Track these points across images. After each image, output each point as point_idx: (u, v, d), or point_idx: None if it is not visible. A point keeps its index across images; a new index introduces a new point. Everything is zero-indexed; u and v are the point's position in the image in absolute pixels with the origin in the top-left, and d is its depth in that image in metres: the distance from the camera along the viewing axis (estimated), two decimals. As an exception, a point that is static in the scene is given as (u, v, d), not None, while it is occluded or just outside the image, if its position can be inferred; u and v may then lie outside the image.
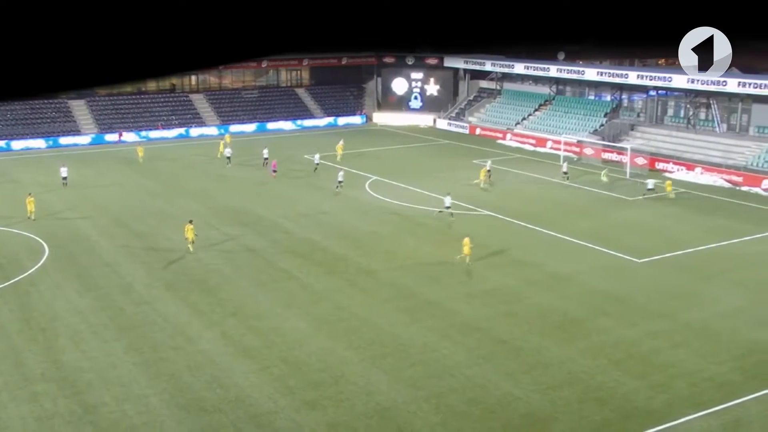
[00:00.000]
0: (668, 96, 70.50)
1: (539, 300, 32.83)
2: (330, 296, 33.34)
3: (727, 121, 65.70)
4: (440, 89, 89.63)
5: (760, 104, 62.33)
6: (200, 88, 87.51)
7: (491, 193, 52.68)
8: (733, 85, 61.69)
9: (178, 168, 62.03)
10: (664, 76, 67.80)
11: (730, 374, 25.85)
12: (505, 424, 22.85)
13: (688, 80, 64.89)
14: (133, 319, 30.87)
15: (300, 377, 25.78)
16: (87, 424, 22.94)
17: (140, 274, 36.24)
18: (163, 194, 52.92)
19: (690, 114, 68.36)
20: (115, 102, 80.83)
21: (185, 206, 48.95)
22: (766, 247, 40.91)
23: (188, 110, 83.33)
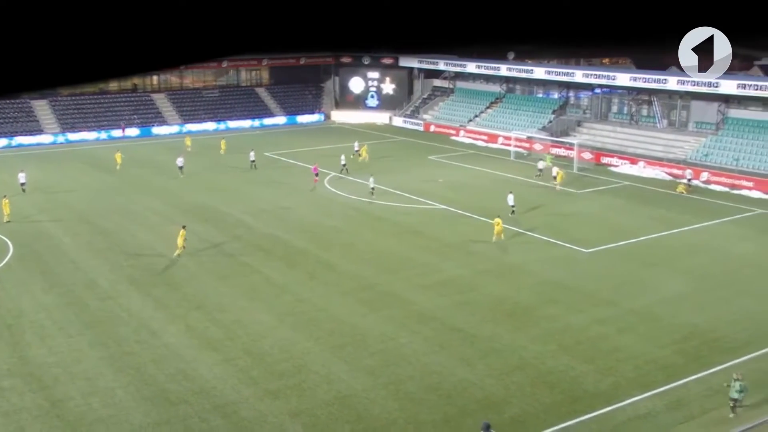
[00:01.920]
0: (612, 93, 71.41)
1: (492, 290, 33.06)
2: (291, 289, 33.21)
3: (668, 117, 66.80)
4: (396, 88, 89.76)
5: (698, 101, 63.55)
6: (162, 88, 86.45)
7: (444, 187, 52.77)
8: (673, 83, 62.81)
9: (141, 166, 61.20)
10: (608, 75, 68.71)
11: (672, 357, 26.30)
12: (461, 409, 22.97)
13: (631, 78, 66.01)
14: (98, 314, 30.41)
15: (263, 368, 25.65)
16: (54, 417, 22.56)
17: (104, 270, 35.71)
18: (126, 192, 52.18)
19: (633, 110, 69.38)
20: (77, 102, 79.46)
21: (148, 204, 48.43)
22: (704, 237, 41.72)
23: (150, 109, 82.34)
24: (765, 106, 59.50)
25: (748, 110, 60.68)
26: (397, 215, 45.77)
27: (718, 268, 35.97)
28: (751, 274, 35.03)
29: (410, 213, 46.35)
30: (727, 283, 33.89)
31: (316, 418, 22.51)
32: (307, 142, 72.49)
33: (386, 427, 22.06)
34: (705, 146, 60.20)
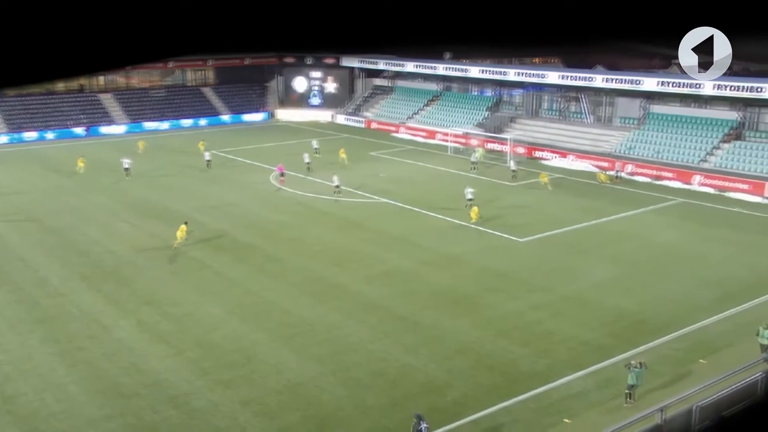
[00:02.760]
0: (543, 91, 72.35)
1: (433, 279, 33.29)
2: (241, 282, 32.92)
3: (595, 112, 68.08)
4: (338, 87, 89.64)
5: (623, 98, 64.95)
6: (108, 88, 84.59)
7: (386, 181, 52.92)
8: (599, 80, 64.14)
9: (90, 165, 59.82)
10: (539, 73, 69.65)
11: (602, 338, 26.86)
12: (405, 393, 23.10)
13: (560, 77, 66.99)
14: (49, 311, 29.68)
15: (214, 359, 25.40)
16: (5, 414, 21.96)
17: (55, 267, 34.86)
18: (76, 191, 51.00)
19: (562, 107, 70.54)
20: (24, 102, 77.26)
21: (98, 202, 47.45)
22: (629, 225, 42.68)
23: (97, 109, 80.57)
24: (683, 102, 61.15)
25: (669, 106, 62.25)
26: (341, 209, 45.73)
27: (643, 255, 36.84)
28: (672, 260, 35.99)
29: (354, 207, 46.38)
30: (652, 268, 34.75)
31: (267, 406, 22.40)
32: (253, 140, 71.94)
33: (335, 413, 22.07)
34: (629, 140, 61.51)
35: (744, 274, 33.52)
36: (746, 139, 56.89)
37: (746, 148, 55.45)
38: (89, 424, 21.47)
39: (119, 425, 21.41)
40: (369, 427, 21.18)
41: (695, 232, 41.19)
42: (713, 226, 42.33)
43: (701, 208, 47.27)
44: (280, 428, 21.30)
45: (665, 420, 17.79)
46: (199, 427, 21.37)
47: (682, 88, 58.85)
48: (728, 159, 55.16)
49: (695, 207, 47.46)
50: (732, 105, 57.83)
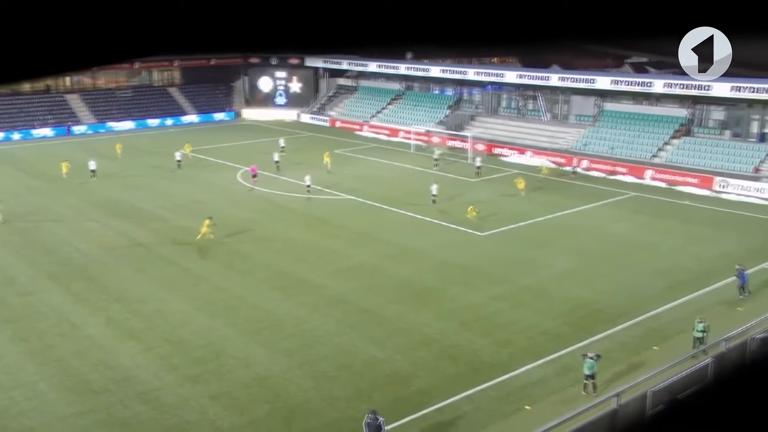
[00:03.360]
0: (501, 90, 72.81)
1: (397, 273, 33.36)
2: (209, 279, 32.66)
3: (551, 110, 68.70)
4: (302, 86, 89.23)
5: (578, 96, 65.64)
6: (75, 88, 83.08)
7: (350, 178, 52.84)
8: (555, 80, 64.83)
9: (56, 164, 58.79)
10: (497, 73, 70.14)
11: (561, 327, 27.17)
12: (371, 384, 23.14)
13: (518, 76, 67.49)
14: (18, 309, 29.13)
15: (183, 355, 25.18)
16: (-25, 413, 21.54)
17: (23, 266, 34.21)
18: (43, 191, 50.09)
19: (520, 105, 71.05)
20: (-11, 103, 75.66)
21: (66, 202, 46.66)
22: (585, 218, 43.21)
23: (64, 110, 79.12)
24: (635, 100, 62.01)
25: (621, 103, 63.09)
26: (307, 207, 45.59)
27: (599, 247, 37.34)
28: (626, 251, 36.52)
29: (320, 204, 46.26)
30: (607, 259, 35.24)
31: (236, 400, 22.27)
32: (219, 139, 71.30)
33: (302, 405, 22.02)
34: (584, 136, 62.21)
35: (692, 264, 34.15)
36: (695, 135, 57.90)
37: (695, 144, 56.44)
38: (59, 421, 21.15)
39: (90, 421, 21.12)
40: (336, 417, 21.18)
41: (647, 224, 41.83)
42: (664, 219, 43.02)
43: (653, 201, 48.02)
44: (249, 421, 21.19)
45: (621, 405, 18.06)
46: (169, 421, 21.17)
47: (633, 87, 59.84)
48: (678, 154, 56.07)
49: (647, 200, 48.20)
50: (681, 102, 58.80)
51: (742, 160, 53.06)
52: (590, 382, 21.86)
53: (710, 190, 50.78)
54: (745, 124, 56.07)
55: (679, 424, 0.76)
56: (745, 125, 56.05)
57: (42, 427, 20.81)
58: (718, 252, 35.86)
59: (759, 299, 29.12)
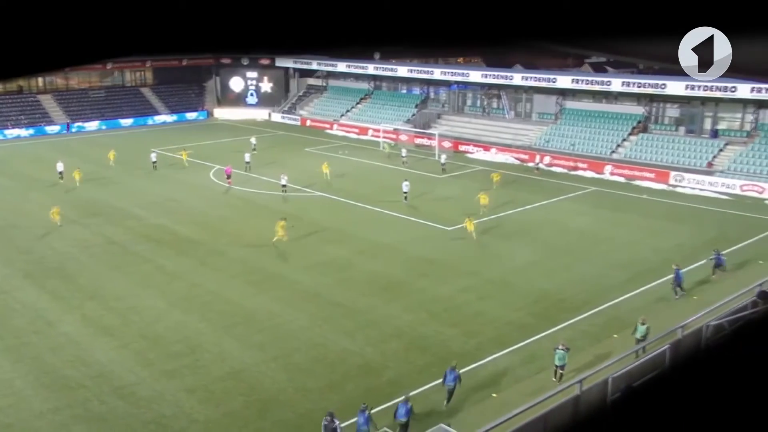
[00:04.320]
0: (466, 89, 73.08)
1: (367, 267, 33.36)
2: (183, 275, 32.35)
3: (514, 108, 69.08)
4: (273, 86, 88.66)
5: (540, 95, 66.09)
6: (48, 89, 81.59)
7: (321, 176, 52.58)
8: (517, 79, 65.23)
9: (30, 164, 57.77)
10: (462, 72, 70.42)
11: (525, 318, 27.39)
12: (343, 376, 23.13)
13: (482, 75, 67.79)
14: (-7, 308, 28.63)
15: (159, 350, 24.92)
16: (-49, 411, 21.12)
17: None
18: (16, 190, 49.19)
19: (484, 104, 71.35)
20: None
21: (40, 201, 45.82)
22: (547, 213, 43.57)
23: (37, 110, 77.70)
24: (595, 98, 62.63)
25: (581, 102, 63.65)
26: (279, 203, 45.36)
27: (561, 240, 37.67)
28: (587, 244, 36.93)
29: (291, 201, 46.06)
30: (569, 252, 35.58)
31: (211, 393, 22.13)
32: (192, 139, 70.54)
33: (276, 396, 21.95)
34: (546, 134, 62.68)
35: (650, 255, 34.62)
36: (651, 131, 58.67)
37: (651, 140, 57.19)
38: (36, 417, 20.83)
39: (66, 417, 20.83)
40: (309, 408, 21.14)
41: (607, 218, 42.33)
42: (623, 212, 43.56)
43: (612, 195, 48.59)
44: (224, 413, 21.07)
45: (583, 391, 18.26)
46: (146, 416, 20.96)
47: (593, 86, 60.50)
48: (635, 150, 56.78)
49: (606, 195, 48.76)
50: (638, 100, 59.52)
51: (696, 155, 53.89)
52: (560, 371, 22.11)
53: (666, 184, 51.52)
54: (698, 121, 56.95)
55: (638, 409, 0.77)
56: (698, 122, 56.93)
57: (19, 423, 20.49)
58: (674, 244, 36.40)
59: (713, 288, 29.61)
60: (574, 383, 18.75)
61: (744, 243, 36.31)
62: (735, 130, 55.14)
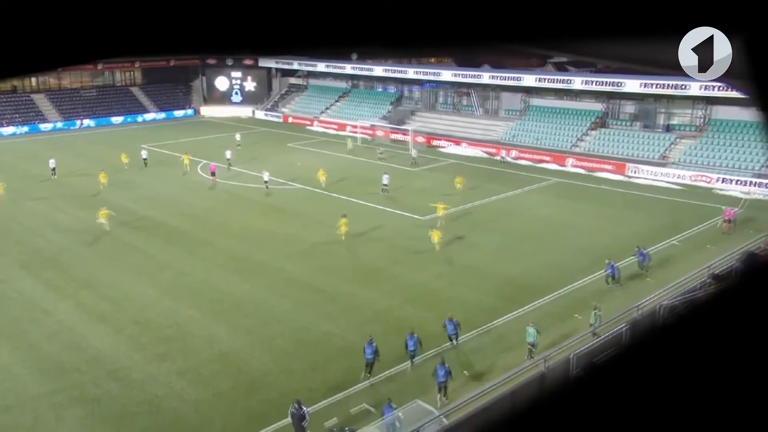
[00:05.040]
0: (438, 87, 73.06)
1: (347, 256, 33.33)
2: (173, 264, 32.11)
3: (483, 105, 69.22)
4: (257, 85, 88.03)
5: (507, 92, 66.27)
6: (41, 88, 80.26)
7: (303, 169, 52.37)
8: (486, 78, 65.31)
9: (23, 160, 56.84)
10: (435, 72, 70.35)
11: (494, 301, 27.54)
12: (326, 357, 23.13)
13: (453, 75, 67.81)
14: (-9, 298, 28.21)
15: (151, 335, 24.76)
16: (-48, 396, 20.82)
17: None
18: (11, 184, 48.33)
19: (455, 101, 71.42)
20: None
21: (35, 194, 45.20)
22: (514, 202, 43.81)
23: (31, 109, 76.48)
24: (557, 96, 62.94)
25: (545, 99, 63.96)
26: (263, 195, 45.12)
27: (527, 228, 37.90)
28: (551, 231, 37.18)
29: (275, 193, 45.83)
30: (534, 239, 35.81)
31: (201, 375, 22.04)
32: (179, 135, 70.01)
33: (262, 377, 21.92)
34: (513, 129, 62.91)
35: (609, 241, 34.94)
36: (610, 126, 59.15)
37: (610, 135, 57.66)
38: (34, 399, 20.62)
39: (63, 399, 20.65)
40: (294, 388, 21.12)
41: (569, 207, 42.64)
42: (584, 202, 43.91)
43: (573, 186, 48.95)
44: (213, 394, 21.00)
45: (548, 368, 18.44)
46: (139, 396, 20.84)
47: (555, 84, 60.81)
48: (595, 144, 57.22)
49: (569, 186, 49.11)
50: (597, 98, 59.92)
51: (650, 148, 54.45)
52: (531, 348, 22.31)
53: (623, 175, 52.01)
54: (653, 116, 57.51)
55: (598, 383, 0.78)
56: (653, 118, 57.49)
57: (18, 406, 20.26)
58: (631, 231, 36.77)
59: (666, 270, 29.93)
60: (539, 360, 18.94)
61: (694, 229, 36.80)
62: (686, 125, 55.76)
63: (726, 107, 52.31)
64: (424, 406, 18.84)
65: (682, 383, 0.88)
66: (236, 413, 19.99)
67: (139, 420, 19.62)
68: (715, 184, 48.14)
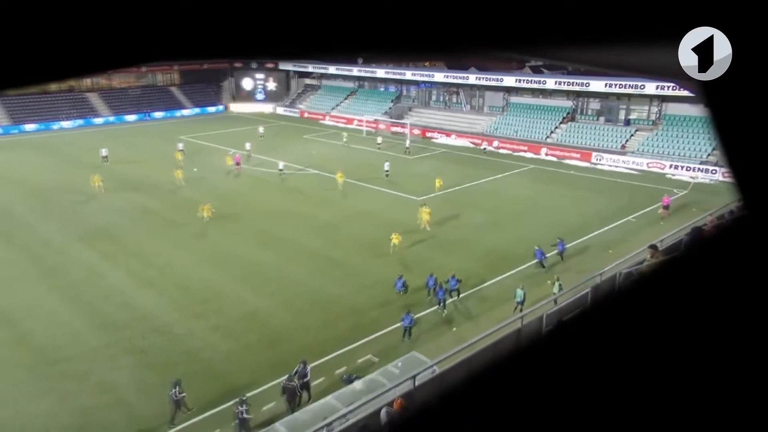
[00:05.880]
0: (432, 87, 72.60)
1: (353, 230, 33.36)
2: (207, 238, 32.19)
3: (470, 102, 68.83)
4: (277, 85, 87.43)
5: (490, 92, 65.84)
6: (94, 88, 79.85)
7: (316, 157, 52.23)
8: (472, 79, 64.86)
9: (80, 149, 56.77)
10: (429, 74, 69.81)
11: (479, 268, 27.61)
12: (336, 316, 23.26)
13: (444, 76, 67.32)
14: (54, 265, 28.35)
15: (189, 297, 24.90)
16: (22, 345, 21.04)
17: (55, 230, 33.20)
18: (70, 170, 48.40)
19: (446, 99, 71.01)
20: (23, 99, 72.23)
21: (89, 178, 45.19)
22: (496, 185, 43.73)
23: (85, 105, 76.16)
24: (533, 94, 62.53)
25: (523, 97, 63.53)
26: (283, 180, 45.06)
27: (507, 207, 37.88)
28: (527, 210, 37.16)
29: (293, 178, 45.76)
30: (513, 216, 35.81)
31: (231, 330, 22.20)
32: (211, 128, 69.73)
33: (283, 332, 22.07)
34: (495, 123, 62.61)
35: (576, 219, 34.96)
36: (578, 120, 58.82)
37: (578, 128, 57.37)
38: (92, 351, 20.82)
39: (116, 350, 20.84)
40: (310, 341, 21.30)
41: (543, 189, 42.58)
42: (555, 185, 43.83)
43: (547, 172, 48.83)
44: (242, 346, 21.17)
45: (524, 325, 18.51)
46: (179, 348, 21.02)
47: (532, 84, 60.35)
48: (565, 135, 56.96)
49: (542, 171, 48.99)
50: (567, 96, 59.54)
51: (612, 139, 54.20)
52: (519, 306, 22.46)
53: (589, 162, 51.85)
54: (615, 112, 57.13)
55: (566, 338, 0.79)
56: (615, 113, 57.11)
57: (78, 356, 20.47)
58: (595, 210, 36.77)
59: (625, 243, 29.90)
60: (517, 319, 19.00)
61: (648, 208, 36.75)
62: (643, 119, 55.41)
63: (677, 104, 52.14)
64: (420, 356, 18.96)
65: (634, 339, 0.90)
66: (261, 362, 20.17)
67: (180, 368, 19.81)
68: (667, 170, 48.00)
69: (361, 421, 13.57)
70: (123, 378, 19.26)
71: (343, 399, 16.39)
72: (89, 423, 17.19)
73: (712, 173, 45.61)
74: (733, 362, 0.85)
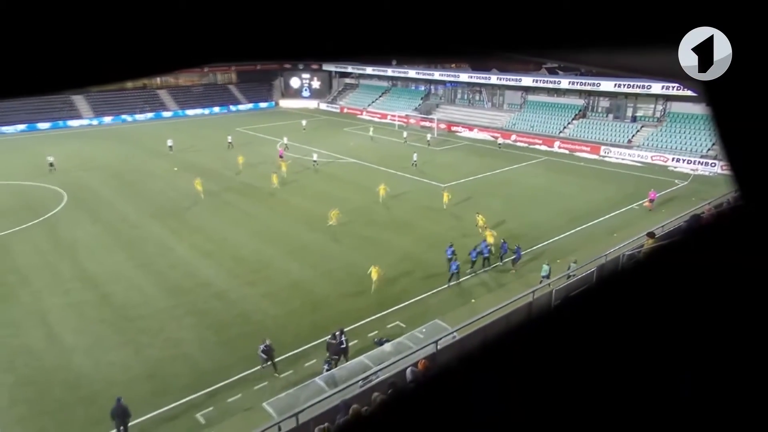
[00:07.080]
0: (457, 86, 71.75)
1: (385, 212, 33.37)
2: (259, 217, 32.63)
3: (491, 100, 67.84)
4: (321, 84, 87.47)
5: (510, 90, 64.73)
6: (163, 85, 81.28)
7: (354, 148, 52.26)
8: (494, 79, 63.74)
9: (151, 139, 57.97)
10: (454, 74, 68.92)
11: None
12: (369, 286, 23.26)
13: (468, 77, 66.37)
14: (130, 238, 29.17)
15: (243, 267, 25.35)
16: (105, 305, 21.78)
17: (132, 209, 34.10)
18: (142, 157, 49.49)
19: (470, 97, 70.09)
20: (104, 96, 74.01)
21: (159, 164, 46.18)
22: (513, 175, 43.13)
23: (156, 100, 77.58)
24: (549, 93, 61.24)
25: (539, 96, 62.28)
26: (324, 168, 45.25)
27: (522, 194, 37.38)
28: (540, 197, 36.61)
29: (332, 166, 45.92)
30: (527, 202, 35.34)
31: (279, 296, 22.55)
32: (264, 121, 70.34)
33: (323, 299, 22.33)
34: (514, 119, 61.62)
35: (584, 206, 34.33)
36: (588, 117, 57.45)
37: (588, 123, 56.05)
38: (161, 311, 21.42)
39: (182, 311, 21.40)
40: (346, 308, 21.51)
41: (555, 179, 41.86)
42: (567, 175, 43.04)
43: (559, 163, 47.95)
44: (288, 311, 21.50)
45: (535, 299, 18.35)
46: (234, 311, 21.47)
47: (547, 84, 59.04)
48: (577, 130, 55.74)
49: (555, 162, 48.12)
50: (580, 95, 58.15)
51: (620, 134, 52.83)
52: (546, 280, 22.16)
53: (598, 155, 50.72)
54: (623, 109, 55.60)
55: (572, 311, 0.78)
56: (622, 111, 55.59)
57: (150, 316, 21.10)
58: (602, 197, 36.04)
59: (629, 228, 29.30)
60: (528, 293, 18.85)
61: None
62: (649, 116, 53.80)
63: (681, 103, 50.51)
64: (442, 324, 19.01)
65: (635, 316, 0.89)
66: (304, 325, 20.47)
67: (235, 328, 20.27)
68: (670, 163, 46.64)
69: (389, 378, 13.71)
70: (187, 335, 19.79)
71: (374, 359, 16.59)
72: (158, 372, 17.77)
73: (712, 166, 44.16)
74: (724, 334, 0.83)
